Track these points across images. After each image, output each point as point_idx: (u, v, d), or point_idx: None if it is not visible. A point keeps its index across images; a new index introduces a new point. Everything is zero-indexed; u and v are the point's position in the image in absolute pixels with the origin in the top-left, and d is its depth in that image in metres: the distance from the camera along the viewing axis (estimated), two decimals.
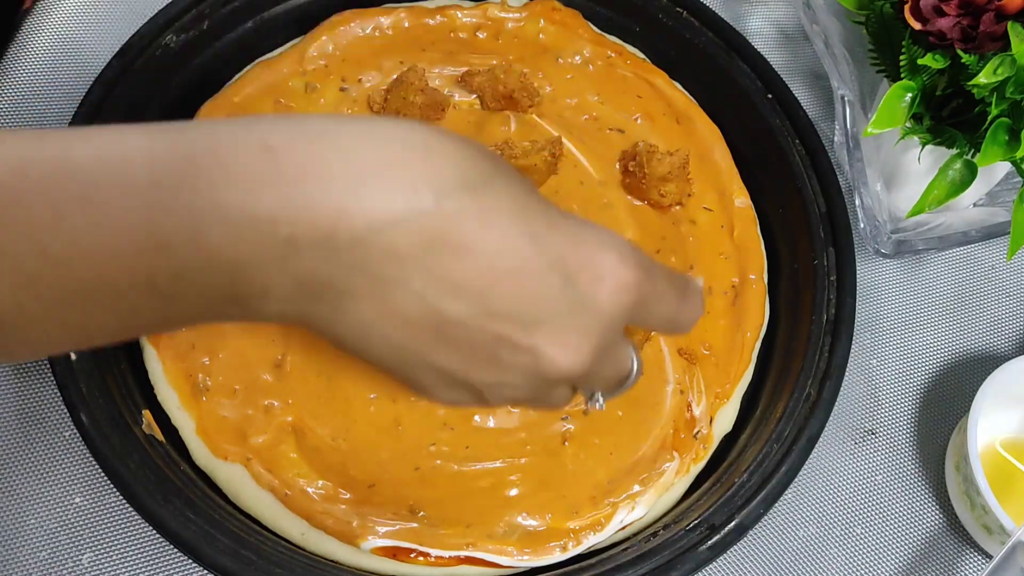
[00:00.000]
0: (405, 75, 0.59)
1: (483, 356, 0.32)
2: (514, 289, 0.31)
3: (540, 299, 0.31)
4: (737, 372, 0.57)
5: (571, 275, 0.31)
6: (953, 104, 0.61)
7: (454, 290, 0.30)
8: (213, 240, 0.28)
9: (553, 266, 0.31)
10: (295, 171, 0.28)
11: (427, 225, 0.29)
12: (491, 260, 0.30)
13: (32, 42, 0.65)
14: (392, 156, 0.29)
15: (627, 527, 0.52)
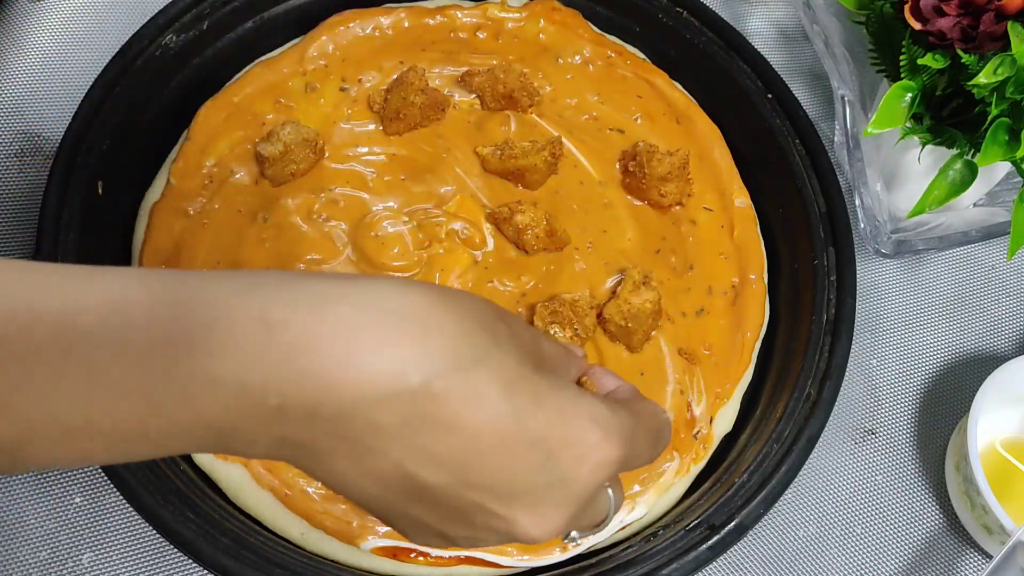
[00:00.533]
0: (405, 75, 0.59)
1: (458, 517, 0.33)
2: (493, 464, 0.31)
3: (519, 474, 0.32)
4: (737, 372, 0.57)
5: (552, 453, 0.32)
6: (953, 104, 0.61)
7: (433, 462, 0.31)
8: (205, 406, 0.29)
9: (535, 444, 0.32)
10: (290, 345, 0.29)
11: (411, 404, 0.30)
12: (473, 437, 0.31)
13: (32, 43, 0.65)
14: (387, 334, 0.30)
15: (627, 527, 0.52)
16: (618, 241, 0.59)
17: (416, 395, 0.30)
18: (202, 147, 0.58)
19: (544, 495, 0.32)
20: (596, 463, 0.33)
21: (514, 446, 0.31)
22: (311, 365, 0.29)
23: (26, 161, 0.61)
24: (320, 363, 0.29)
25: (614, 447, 0.33)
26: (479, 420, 0.31)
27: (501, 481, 0.32)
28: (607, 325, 0.55)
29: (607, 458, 0.33)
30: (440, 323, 0.31)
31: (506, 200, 0.58)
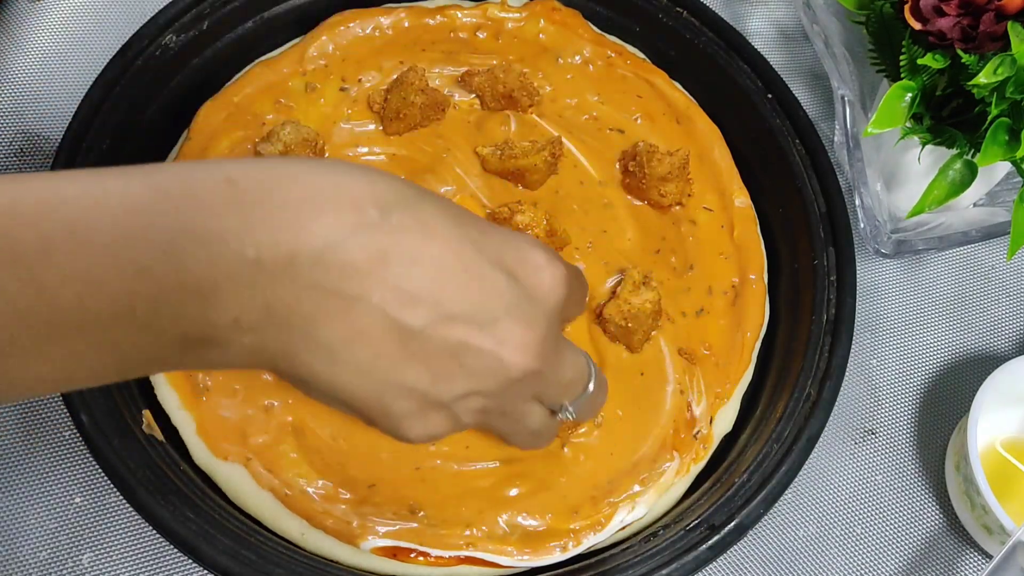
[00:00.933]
0: (405, 75, 0.59)
1: (450, 366, 0.34)
2: (465, 291, 0.33)
3: (491, 296, 0.33)
4: (737, 372, 0.57)
5: (512, 271, 0.34)
6: (953, 104, 0.61)
7: (411, 299, 0.32)
8: (187, 262, 0.30)
9: (495, 265, 0.34)
10: (255, 198, 0.31)
11: (377, 239, 0.31)
12: (439, 267, 0.32)
13: (32, 42, 0.65)
14: (339, 180, 0.32)
15: (627, 527, 0.52)
16: (618, 241, 0.59)
17: (378, 229, 0.31)
18: (202, 147, 0.58)
19: (517, 314, 0.34)
20: (552, 277, 0.35)
21: (478, 269, 0.33)
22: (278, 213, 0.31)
23: (26, 161, 0.61)
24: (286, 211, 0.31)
25: (561, 267, 0.36)
26: (439, 248, 0.33)
27: (477, 306, 0.33)
28: (607, 325, 0.55)
29: (559, 273, 0.36)
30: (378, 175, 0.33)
31: (506, 200, 0.58)
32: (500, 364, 0.34)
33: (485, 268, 0.33)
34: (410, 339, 0.32)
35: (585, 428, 0.53)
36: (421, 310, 0.32)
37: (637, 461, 0.53)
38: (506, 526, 0.51)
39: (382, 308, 0.32)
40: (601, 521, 0.52)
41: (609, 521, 0.52)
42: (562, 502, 0.52)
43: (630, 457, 0.53)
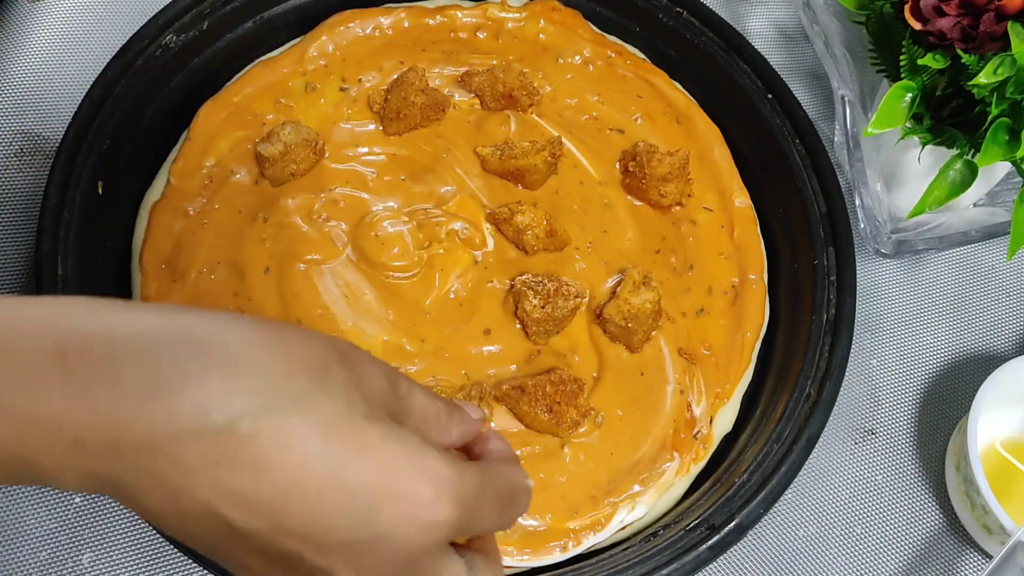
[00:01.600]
0: (405, 75, 0.59)
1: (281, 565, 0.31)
2: (309, 512, 0.30)
3: (337, 526, 0.30)
4: (737, 372, 0.57)
5: (374, 505, 0.30)
6: (953, 104, 0.61)
7: (244, 505, 0.30)
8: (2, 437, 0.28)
9: (355, 494, 0.30)
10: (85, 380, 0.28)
11: (216, 444, 0.29)
12: (285, 482, 0.29)
13: (33, 43, 0.65)
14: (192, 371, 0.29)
15: (627, 527, 0.52)
16: (618, 241, 0.59)
17: (220, 435, 0.29)
18: (202, 147, 0.58)
19: (365, 550, 0.31)
20: (424, 522, 0.31)
21: (331, 495, 0.30)
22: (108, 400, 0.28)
23: (26, 161, 0.61)
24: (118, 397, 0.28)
25: (446, 507, 0.31)
26: (290, 465, 0.29)
27: (318, 531, 0.30)
28: (607, 325, 0.55)
29: (437, 518, 0.31)
30: (256, 362, 0.30)
31: (506, 200, 0.58)
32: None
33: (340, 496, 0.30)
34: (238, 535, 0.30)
35: (585, 428, 0.53)
36: (255, 518, 0.30)
37: (637, 461, 0.53)
38: None
39: (211, 505, 0.29)
40: (601, 521, 0.52)
41: (609, 521, 0.52)
42: (562, 502, 0.52)
43: (630, 457, 0.53)
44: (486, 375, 0.54)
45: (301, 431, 0.30)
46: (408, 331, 0.54)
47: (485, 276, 0.57)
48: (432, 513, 0.31)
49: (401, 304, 0.55)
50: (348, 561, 0.31)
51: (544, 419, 0.52)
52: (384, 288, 0.55)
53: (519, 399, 0.52)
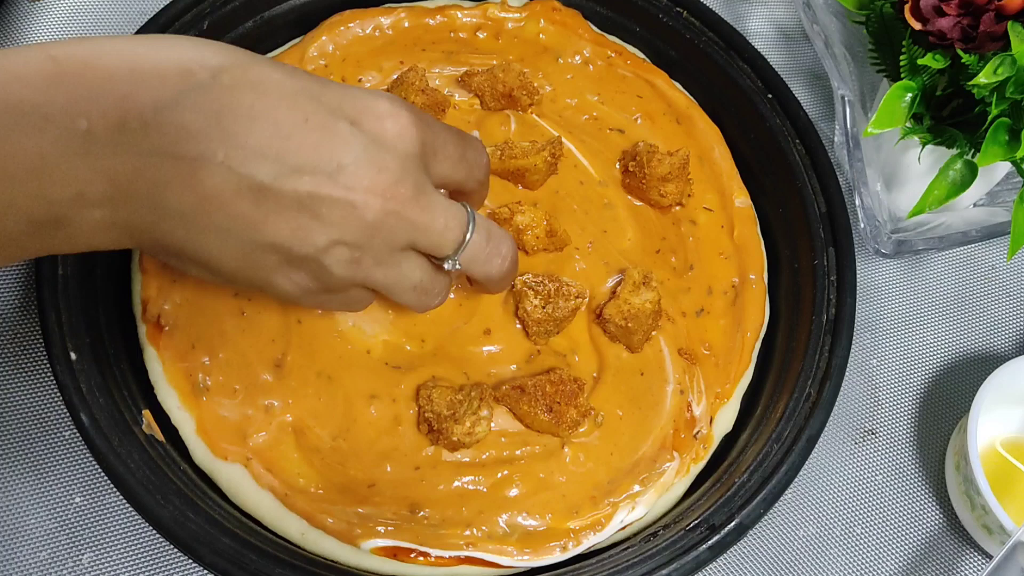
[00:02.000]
0: (405, 75, 0.59)
1: (306, 218, 0.34)
2: (307, 142, 0.33)
3: (333, 145, 0.34)
4: (737, 372, 0.57)
5: (355, 119, 0.34)
6: (953, 104, 0.61)
7: (255, 155, 0.32)
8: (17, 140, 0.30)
9: (335, 114, 0.34)
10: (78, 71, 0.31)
11: (209, 99, 0.32)
12: (277, 121, 0.33)
13: (31, 41, 0.65)
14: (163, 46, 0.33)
15: (627, 527, 0.52)
16: (618, 241, 0.59)
17: (209, 89, 0.32)
18: None
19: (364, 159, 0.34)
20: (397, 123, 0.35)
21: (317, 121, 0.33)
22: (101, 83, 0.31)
23: None
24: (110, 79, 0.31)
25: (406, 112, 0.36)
26: (276, 103, 0.33)
27: (321, 158, 0.33)
28: (607, 325, 0.55)
29: (405, 120, 0.35)
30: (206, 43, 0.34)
31: (506, 200, 0.58)
32: (353, 209, 0.34)
33: (325, 118, 0.34)
34: (261, 195, 0.33)
35: (585, 428, 0.53)
36: (267, 164, 0.32)
37: (637, 461, 0.53)
38: (506, 526, 0.51)
39: (227, 166, 0.32)
40: (601, 521, 0.52)
41: (609, 521, 0.52)
42: (562, 502, 0.52)
43: (630, 457, 0.53)
44: (486, 375, 0.54)
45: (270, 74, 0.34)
46: (408, 331, 0.54)
47: None
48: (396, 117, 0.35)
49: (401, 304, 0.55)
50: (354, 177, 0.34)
51: (544, 419, 0.52)
52: None
53: (519, 399, 0.52)
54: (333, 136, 0.34)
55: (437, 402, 0.51)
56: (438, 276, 0.40)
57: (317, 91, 0.34)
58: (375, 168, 0.34)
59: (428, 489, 0.51)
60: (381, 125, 0.35)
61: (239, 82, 0.33)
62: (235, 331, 0.53)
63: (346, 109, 0.35)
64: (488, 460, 0.52)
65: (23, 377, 0.55)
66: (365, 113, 0.35)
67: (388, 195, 0.35)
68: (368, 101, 0.35)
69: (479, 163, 0.41)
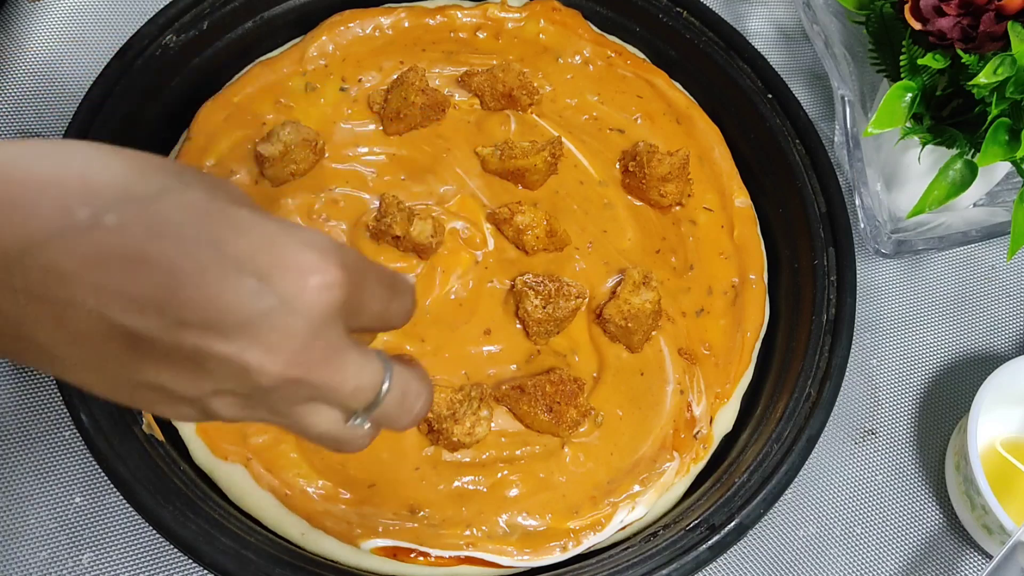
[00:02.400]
0: (405, 75, 0.59)
1: (190, 368, 0.30)
2: (200, 296, 0.29)
3: (232, 303, 0.30)
4: (737, 372, 0.57)
5: (265, 275, 0.30)
6: (953, 104, 0.61)
7: (134, 304, 0.29)
8: None
9: (241, 268, 0.30)
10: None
11: (86, 242, 0.28)
12: (168, 271, 0.29)
13: (32, 42, 0.65)
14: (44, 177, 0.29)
15: (627, 527, 0.52)
16: (618, 241, 0.59)
17: (89, 232, 0.28)
18: (202, 147, 0.58)
19: (267, 321, 0.30)
20: (319, 284, 0.31)
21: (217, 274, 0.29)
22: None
23: None
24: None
25: (335, 269, 0.31)
26: (169, 251, 0.29)
27: (214, 314, 0.29)
28: (607, 325, 0.55)
29: (329, 278, 0.31)
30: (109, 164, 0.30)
31: (506, 200, 0.58)
32: (245, 371, 0.31)
33: (226, 272, 0.29)
34: (139, 344, 0.29)
35: (585, 428, 0.53)
36: (148, 316, 0.29)
37: (637, 461, 0.53)
38: (506, 526, 0.51)
39: (99, 312, 0.29)
40: (601, 521, 0.52)
41: (609, 521, 0.52)
42: (562, 502, 0.52)
43: (630, 457, 0.53)
44: (486, 375, 0.54)
45: (170, 215, 0.29)
46: (408, 331, 0.54)
47: (485, 276, 0.57)
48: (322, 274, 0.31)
49: None
50: (253, 341, 0.30)
51: (544, 419, 0.52)
52: None
53: (519, 399, 0.52)
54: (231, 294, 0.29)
55: (437, 402, 0.51)
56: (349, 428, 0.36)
57: (228, 238, 0.30)
58: (279, 333, 0.30)
59: (428, 489, 0.51)
60: (300, 282, 0.31)
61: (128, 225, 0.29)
62: None
63: (259, 261, 0.30)
64: (488, 460, 0.52)
65: (23, 377, 0.55)
66: (283, 267, 0.30)
67: (290, 362, 0.31)
68: (292, 253, 0.31)
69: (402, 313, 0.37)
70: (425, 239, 0.54)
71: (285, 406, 0.33)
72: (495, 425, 0.53)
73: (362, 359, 0.33)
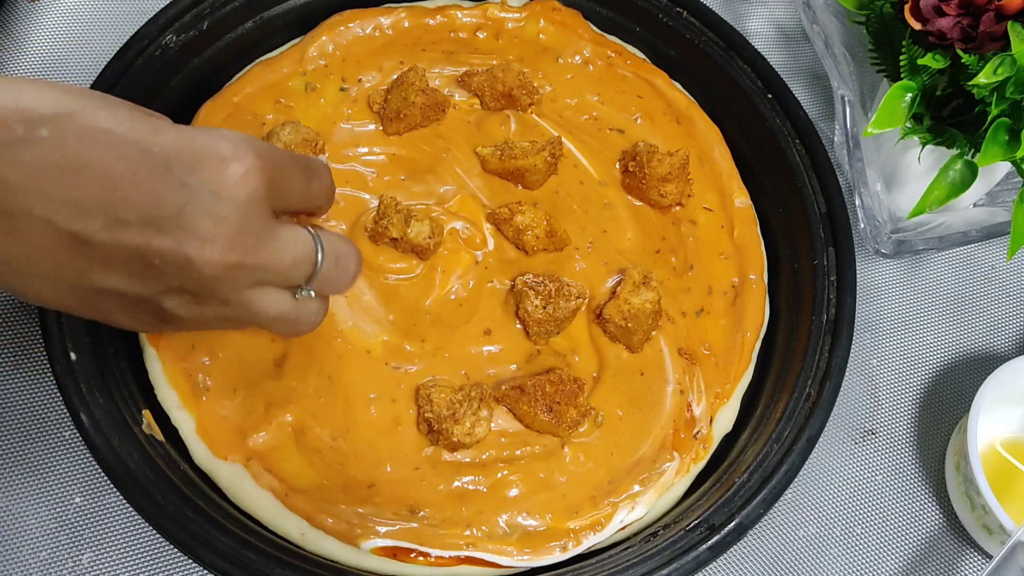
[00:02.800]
0: (405, 75, 0.59)
1: (138, 268, 0.33)
2: (134, 194, 0.32)
3: (164, 197, 0.32)
4: (737, 372, 0.57)
5: (189, 168, 0.33)
6: (953, 104, 0.61)
7: (78, 209, 0.31)
8: None
9: (168, 164, 0.32)
10: None
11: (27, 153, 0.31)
12: (102, 173, 0.31)
13: (32, 43, 0.65)
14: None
15: (627, 527, 0.52)
16: (618, 241, 0.59)
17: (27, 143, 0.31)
18: None
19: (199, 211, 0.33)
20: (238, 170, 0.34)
21: (146, 171, 0.32)
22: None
23: None
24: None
25: (251, 155, 0.34)
26: (101, 155, 0.31)
27: (149, 209, 0.32)
28: (607, 325, 0.55)
29: (247, 165, 0.34)
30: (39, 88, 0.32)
31: (506, 200, 0.58)
32: (187, 261, 0.33)
33: (154, 169, 0.32)
34: (87, 247, 0.32)
35: (585, 428, 0.53)
36: (91, 219, 0.32)
37: (637, 461, 0.53)
38: (506, 526, 0.51)
39: (47, 219, 0.31)
40: (601, 521, 0.52)
41: (609, 521, 0.52)
42: (562, 502, 0.52)
43: (630, 457, 0.53)
44: (486, 375, 0.54)
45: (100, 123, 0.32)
46: (408, 331, 0.54)
47: (485, 276, 0.57)
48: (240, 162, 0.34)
49: (401, 304, 0.55)
50: (188, 232, 0.33)
51: (544, 419, 0.52)
52: (384, 289, 0.55)
53: (519, 399, 0.52)
54: (161, 188, 0.32)
55: (437, 402, 0.51)
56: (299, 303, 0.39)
57: (149, 140, 0.33)
58: (211, 220, 0.33)
59: (428, 489, 0.51)
60: (221, 171, 0.33)
61: (63, 134, 0.31)
62: (235, 331, 0.52)
63: (183, 156, 0.33)
64: (488, 460, 0.52)
65: (23, 377, 0.55)
66: (204, 160, 0.33)
67: (227, 247, 0.33)
68: (209, 146, 0.34)
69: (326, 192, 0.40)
70: (422, 241, 0.54)
71: (233, 293, 0.35)
72: (495, 425, 0.53)
73: (293, 233, 0.37)
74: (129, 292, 0.33)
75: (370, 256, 0.55)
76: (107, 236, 0.32)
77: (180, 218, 0.32)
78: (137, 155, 0.32)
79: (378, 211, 0.55)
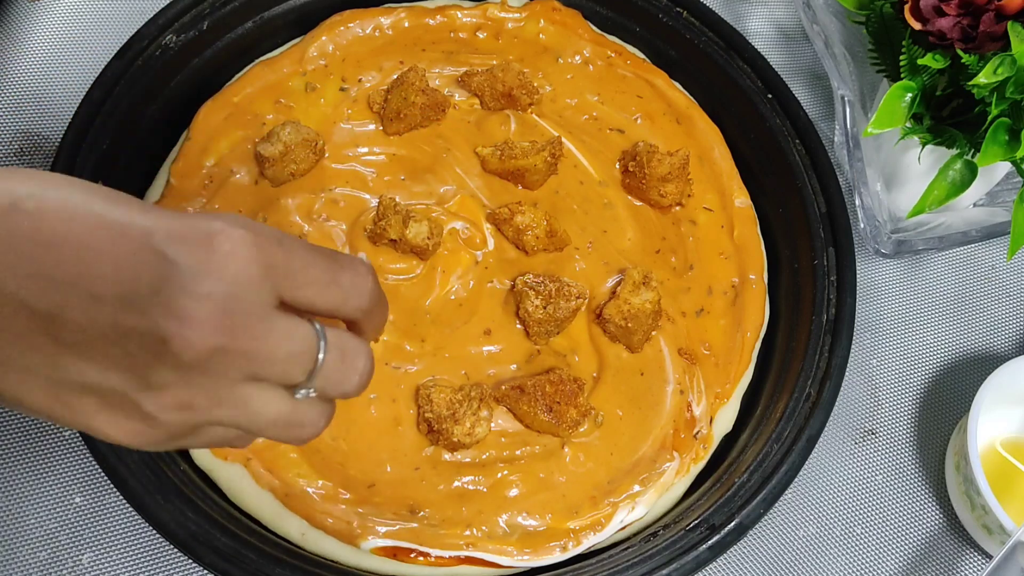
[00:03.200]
0: (405, 75, 0.59)
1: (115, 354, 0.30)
2: (109, 269, 0.29)
3: (140, 273, 0.30)
4: (737, 372, 0.57)
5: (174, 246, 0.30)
6: (953, 104, 0.61)
7: (51, 284, 0.29)
8: None
9: (148, 239, 0.30)
10: None
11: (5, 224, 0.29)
12: (80, 248, 0.29)
13: (33, 42, 0.65)
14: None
15: (627, 527, 0.52)
16: (618, 241, 0.59)
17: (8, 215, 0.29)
18: (202, 147, 0.58)
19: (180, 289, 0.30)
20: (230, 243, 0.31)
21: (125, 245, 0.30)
22: None
23: (26, 160, 0.61)
24: None
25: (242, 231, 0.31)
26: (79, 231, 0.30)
27: (126, 284, 0.29)
28: (607, 325, 0.55)
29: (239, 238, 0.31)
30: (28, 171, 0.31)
31: (506, 200, 0.58)
32: (164, 343, 0.30)
33: (136, 245, 0.30)
34: (59, 328, 0.30)
35: (585, 428, 0.53)
36: (63, 295, 0.29)
37: (637, 461, 0.53)
38: (506, 526, 0.51)
39: (17, 295, 0.29)
40: (601, 521, 0.52)
41: (609, 521, 0.52)
42: (562, 502, 0.52)
43: (630, 457, 0.53)
44: (486, 375, 0.54)
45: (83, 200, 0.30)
46: (408, 331, 0.54)
47: (485, 276, 0.57)
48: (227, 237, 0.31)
49: (401, 304, 0.55)
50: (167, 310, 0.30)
51: (544, 419, 0.52)
52: (384, 289, 0.55)
53: (519, 399, 0.52)
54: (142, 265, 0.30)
55: (437, 402, 0.51)
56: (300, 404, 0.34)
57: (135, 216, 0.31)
58: (192, 298, 0.29)
59: (428, 489, 0.51)
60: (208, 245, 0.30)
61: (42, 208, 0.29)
62: None
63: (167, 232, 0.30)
64: (488, 460, 0.52)
65: None
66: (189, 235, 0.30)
67: (209, 328, 0.30)
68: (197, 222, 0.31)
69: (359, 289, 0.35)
70: (421, 241, 0.54)
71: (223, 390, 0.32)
72: (495, 425, 0.53)
73: (290, 323, 0.32)
74: (104, 386, 0.30)
75: (370, 256, 0.55)
76: (80, 315, 0.29)
77: (159, 296, 0.29)
78: (116, 229, 0.30)
79: (377, 212, 0.55)
